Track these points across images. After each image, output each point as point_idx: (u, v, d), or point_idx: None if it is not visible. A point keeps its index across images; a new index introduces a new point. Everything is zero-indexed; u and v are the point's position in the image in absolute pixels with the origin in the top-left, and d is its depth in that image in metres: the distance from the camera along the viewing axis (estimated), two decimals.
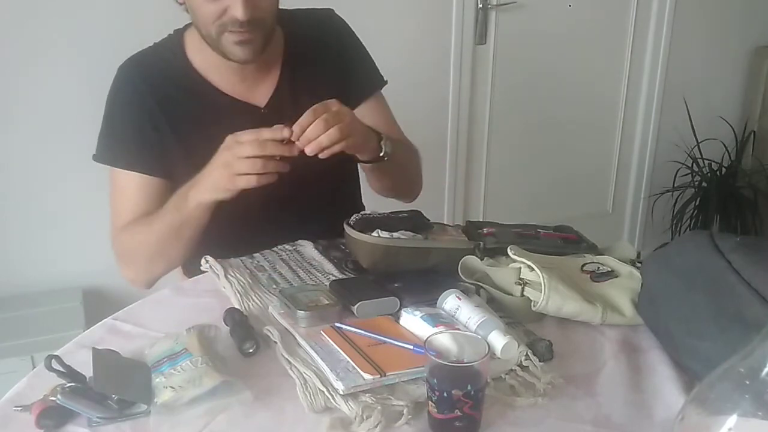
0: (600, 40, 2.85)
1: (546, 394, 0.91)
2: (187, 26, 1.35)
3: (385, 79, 1.52)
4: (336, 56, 1.42)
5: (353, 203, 1.55)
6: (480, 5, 2.58)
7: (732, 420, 0.67)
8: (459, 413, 0.81)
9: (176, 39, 1.35)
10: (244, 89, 1.35)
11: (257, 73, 1.35)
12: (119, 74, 1.34)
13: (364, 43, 1.48)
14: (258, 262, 1.27)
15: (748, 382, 0.66)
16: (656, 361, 1.00)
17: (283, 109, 1.35)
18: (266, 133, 1.12)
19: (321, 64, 1.40)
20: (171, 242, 1.27)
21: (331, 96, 1.40)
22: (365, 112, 1.49)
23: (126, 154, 1.31)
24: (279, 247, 1.33)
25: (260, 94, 1.36)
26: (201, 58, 1.32)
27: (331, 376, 0.90)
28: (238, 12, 1.17)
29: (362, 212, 1.24)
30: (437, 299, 1.06)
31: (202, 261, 1.25)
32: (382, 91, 1.51)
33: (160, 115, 1.30)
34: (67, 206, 2.19)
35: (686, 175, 3.04)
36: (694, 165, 3.00)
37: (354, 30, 1.47)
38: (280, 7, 1.30)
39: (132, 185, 1.31)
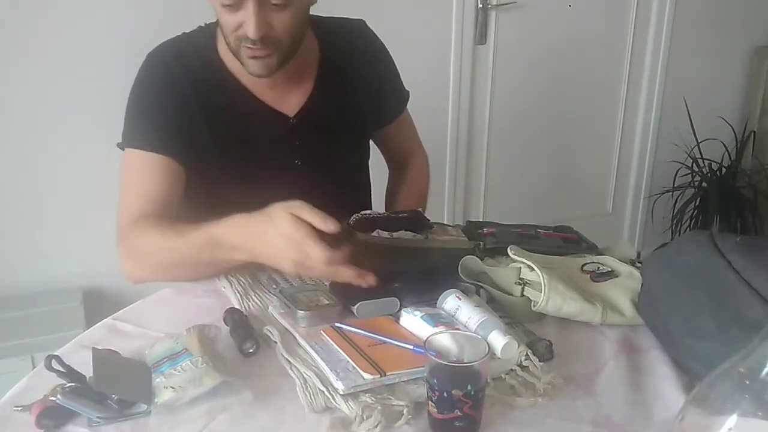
0: (600, 40, 2.85)
1: (546, 394, 0.91)
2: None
3: (407, 90, 1.52)
4: (371, 72, 1.40)
5: (364, 208, 1.53)
6: (480, 5, 2.58)
7: (732, 420, 0.67)
8: (459, 413, 0.81)
9: (208, 33, 1.30)
10: (274, 96, 1.30)
11: (289, 81, 1.31)
12: (151, 59, 1.27)
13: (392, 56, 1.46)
14: None
15: (748, 382, 0.66)
16: (656, 361, 1.00)
17: (312, 120, 1.33)
18: (337, 258, 1.02)
19: (356, 78, 1.38)
20: (188, 271, 1.19)
21: (365, 111, 1.40)
22: (394, 129, 1.51)
23: (153, 134, 1.23)
24: None
25: (291, 103, 1.32)
26: (232, 58, 1.26)
27: (331, 376, 0.90)
28: (250, 30, 1.14)
29: (362, 212, 1.23)
30: (437, 299, 1.06)
31: None
32: None
33: (195, 104, 1.25)
34: (67, 206, 2.19)
35: (686, 175, 3.04)
36: (694, 165, 3.00)
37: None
38: (312, 13, 1.27)
39: (152, 173, 1.23)
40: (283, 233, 1.02)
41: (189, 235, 1.12)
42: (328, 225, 1.01)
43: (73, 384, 0.88)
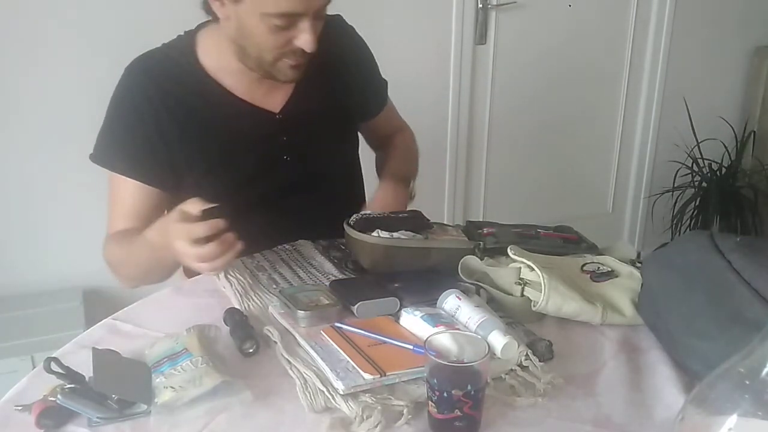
0: (600, 40, 2.85)
1: (546, 394, 0.91)
2: (199, 27, 1.32)
3: (384, 79, 1.53)
4: (352, 66, 1.42)
5: (359, 204, 1.54)
6: (480, 5, 2.57)
7: (732, 420, 0.67)
8: (459, 413, 0.81)
9: (187, 41, 1.31)
10: (259, 95, 1.31)
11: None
12: (127, 75, 1.29)
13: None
14: (258, 262, 1.27)
15: (748, 382, 0.66)
16: (656, 361, 1.00)
17: (298, 115, 1.34)
18: (196, 230, 1.04)
19: (337, 72, 1.38)
20: (150, 273, 1.28)
21: (350, 105, 1.42)
22: (376, 121, 1.53)
23: (127, 160, 1.27)
24: (279, 247, 1.33)
25: (275, 100, 1.33)
26: (215, 62, 1.28)
27: (331, 376, 0.90)
28: (307, 46, 1.18)
29: (362, 212, 1.24)
30: (437, 299, 1.06)
31: None
32: None
33: (169, 121, 1.26)
34: (67, 206, 2.19)
35: (686, 175, 3.04)
36: (694, 165, 3.00)
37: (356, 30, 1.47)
38: None
39: (128, 192, 1.28)
40: (170, 225, 1.09)
41: (137, 242, 1.20)
42: (193, 206, 1.05)
43: (72, 384, 0.88)
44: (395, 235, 1.17)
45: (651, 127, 3.06)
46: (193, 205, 1.05)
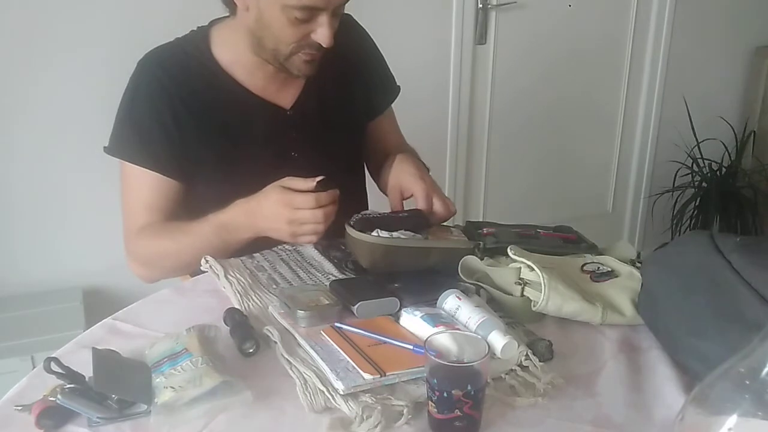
0: (600, 40, 2.85)
1: (546, 394, 0.91)
2: (213, 23, 1.34)
3: (398, 85, 1.54)
4: (361, 64, 1.44)
5: (360, 205, 1.54)
6: (480, 5, 2.58)
7: (732, 420, 0.67)
8: (459, 413, 0.81)
9: (201, 35, 1.33)
10: (272, 90, 1.34)
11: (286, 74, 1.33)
12: (141, 67, 1.31)
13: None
14: (258, 262, 1.27)
15: (748, 382, 0.66)
16: (656, 361, 1.00)
17: (308, 112, 1.36)
18: (324, 198, 1.16)
19: (347, 70, 1.40)
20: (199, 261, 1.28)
21: (357, 102, 1.44)
22: (382, 122, 1.53)
23: (145, 150, 1.29)
24: (279, 247, 1.32)
25: (286, 96, 1.36)
26: (229, 56, 1.31)
27: (331, 376, 0.90)
28: (324, 40, 1.21)
29: (362, 212, 1.24)
30: (437, 299, 1.06)
31: (202, 261, 1.25)
32: None
33: (184, 112, 1.28)
34: (67, 206, 2.19)
35: (686, 175, 3.04)
36: (694, 165, 3.00)
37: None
38: None
39: (147, 184, 1.29)
40: (272, 200, 1.18)
41: (197, 229, 1.25)
42: (308, 183, 1.17)
43: (72, 384, 0.88)
44: (395, 235, 1.17)
45: (651, 127, 3.06)
46: (295, 181, 1.17)
